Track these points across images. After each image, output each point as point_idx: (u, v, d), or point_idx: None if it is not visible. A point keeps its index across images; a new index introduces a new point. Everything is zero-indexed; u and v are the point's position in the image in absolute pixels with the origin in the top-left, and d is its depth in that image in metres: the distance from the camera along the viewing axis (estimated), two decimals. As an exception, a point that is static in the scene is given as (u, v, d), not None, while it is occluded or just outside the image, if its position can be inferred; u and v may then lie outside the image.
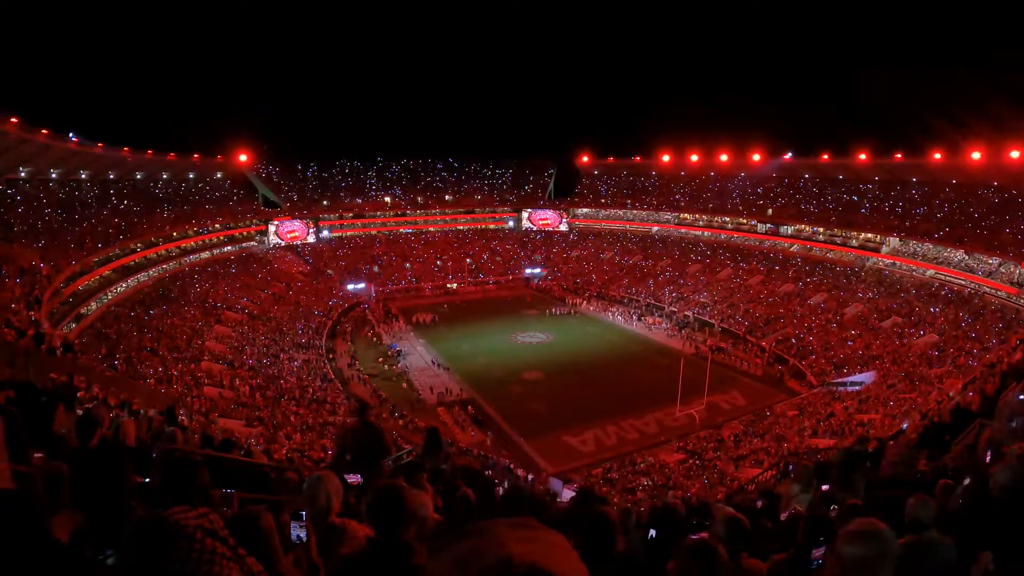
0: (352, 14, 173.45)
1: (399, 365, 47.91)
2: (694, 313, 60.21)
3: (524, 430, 36.55)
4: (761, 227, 71.21)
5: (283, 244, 74.09)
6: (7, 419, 3.19)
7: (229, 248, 67.75)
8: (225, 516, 2.82)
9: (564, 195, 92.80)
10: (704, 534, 3.81)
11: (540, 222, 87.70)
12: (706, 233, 76.23)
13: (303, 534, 3.02)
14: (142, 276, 52.53)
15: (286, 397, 37.01)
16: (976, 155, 53.71)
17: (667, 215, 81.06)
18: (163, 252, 58.11)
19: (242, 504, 4.26)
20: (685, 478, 29.77)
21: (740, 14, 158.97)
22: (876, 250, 59.63)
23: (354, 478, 4.88)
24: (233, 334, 47.68)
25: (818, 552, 3.18)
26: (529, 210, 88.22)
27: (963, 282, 50.59)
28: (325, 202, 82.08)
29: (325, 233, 78.98)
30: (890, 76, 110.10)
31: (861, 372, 42.33)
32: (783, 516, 5.19)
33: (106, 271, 48.08)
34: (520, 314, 62.78)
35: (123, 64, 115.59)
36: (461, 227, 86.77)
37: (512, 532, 0.85)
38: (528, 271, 77.80)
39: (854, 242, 62.12)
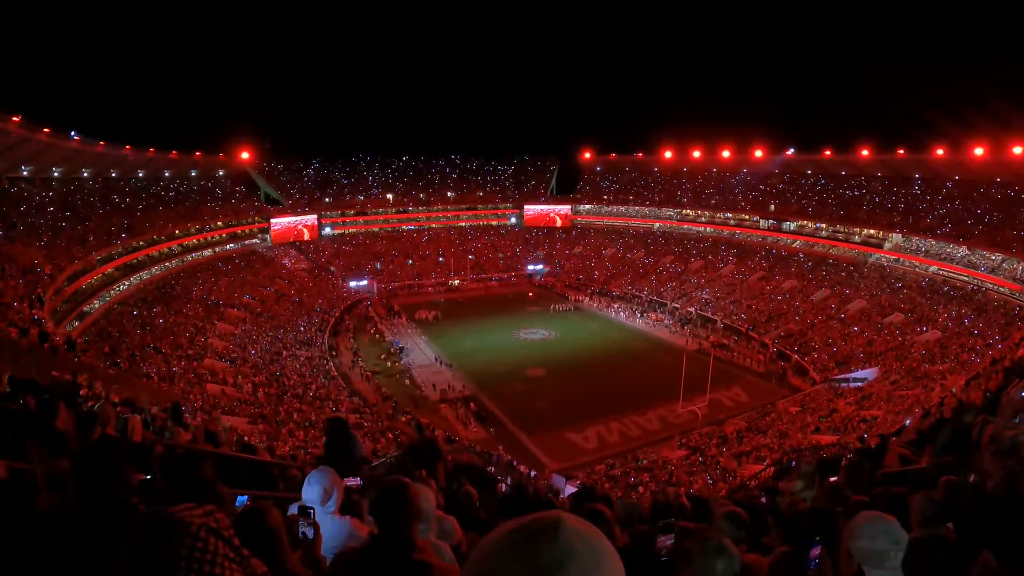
0: (354, 11, 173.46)
1: (402, 362, 47.95)
2: (697, 309, 60.18)
3: (527, 427, 36.60)
4: (764, 223, 71.07)
5: (285, 242, 74.03)
6: (8, 416, 3.20)
7: (231, 246, 67.79)
8: (232, 513, 2.82)
9: (566, 192, 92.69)
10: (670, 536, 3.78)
11: (542, 218, 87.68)
12: (708, 229, 76.14)
13: (310, 531, 3.02)
14: (144, 274, 52.61)
15: (289, 394, 37.08)
16: (979, 151, 53.61)
17: (669, 211, 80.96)
18: (165, 250, 58.16)
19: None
20: (687, 474, 29.75)
21: (741, 11, 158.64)
22: (879, 246, 59.50)
23: (353, 481, 4.90)
24: (236, 331, 47.74)
25: (815, 552, 3.17)
26: (531, 207, 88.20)
27: (966, 278, 50.47)
28: (327, 199, 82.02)
29: (327, 230, 78.99)
30: (893, 72, 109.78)
31: (864, 368, 42.30)
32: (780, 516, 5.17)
33: (108, 269, 48.15)
34: (522, 311, 62.79)
35: (125, 63, 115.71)
36: (463, 224, 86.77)
37: (565, 512, 0.93)
38: (530, 268, 77.79)
39: (856, 238, 61.97)
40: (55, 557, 1.83)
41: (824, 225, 65.31)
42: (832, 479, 7.18)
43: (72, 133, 49.48)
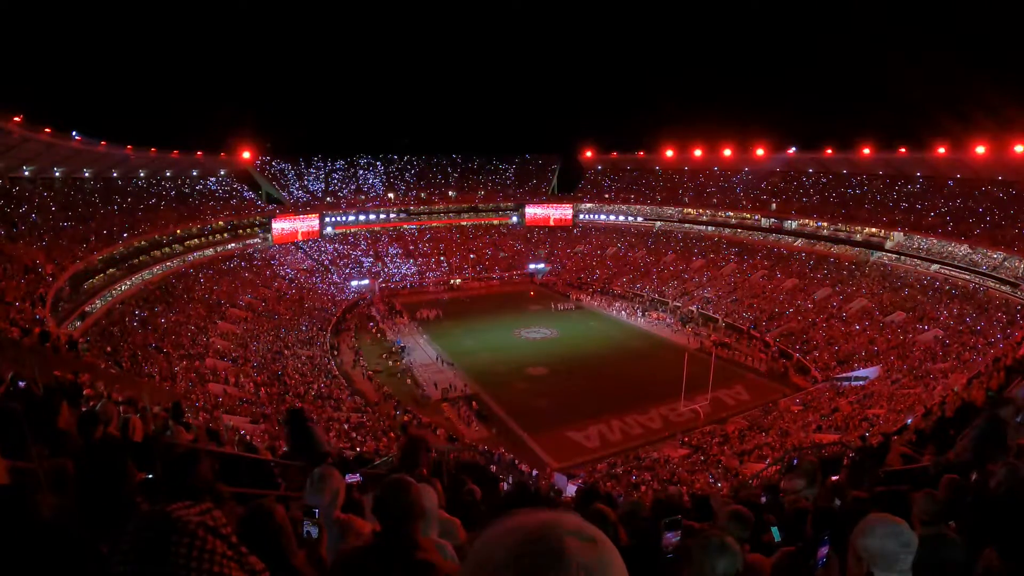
0: (356, 11, 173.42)
1: (403, 361, 47.97)
2: (698, 308, 60.16)
3: (528, 426, 36.60)
4: (765, 222, 71.00)
5: (287, 241, 74.03)
6: (9, 416, 3.20)
7: (233, 245, 67.77)
8: (234, 512, 2.82)
9: (568, 191, 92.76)
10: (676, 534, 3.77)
11: (544, 217, 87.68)
12: (710, 228, 76.10)
13: (314, 531, 3.02)
14: (146, 274, 52.58)
15: (291, 393, 37.10)
16: (980, 149, 53.54)
17: (671, 210, 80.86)
18: (167, 250, 58.15)
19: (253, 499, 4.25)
20: (689, 473, 29.77)
21: (742, 9, 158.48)
22: (880, 245, 59.44)
23: (354, 477, 4.91)
24: (237, 331, 47.78)
25: (823, 551, 3.17)
26: (533, 206, 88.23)
27: (967, 277, 50.39)
28: (328, 199, 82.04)
29: (329, 230, 78.96)
30: (894, 70, 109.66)
31: (865, 367, 42.27)
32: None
33: (110, 269, 48.15)
34: (524, 310, 62.82)
35: (125, 62, 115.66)
36: (465, 223, 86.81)
37: (558, 513, 0.93)
38: (532, 266, 77.81)
39: (858, 237, 61.91)
40: (56, 558, 1.82)
41: (825, 223, 65.21)
42: (834, 478, 7.17)
43: (73, 133, 49.47)
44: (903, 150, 61.37)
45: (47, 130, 45.36)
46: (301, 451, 6.45)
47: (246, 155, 77.15)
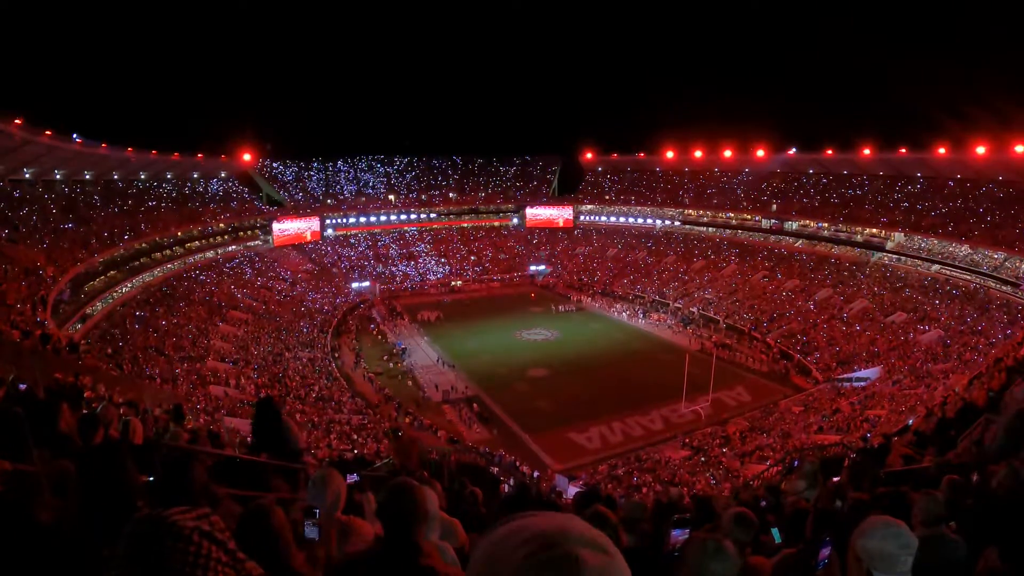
0: (356, 12, 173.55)
1: (404, 363, 47.96)
2: (699, 309, 60.11)
3: (529, 427, 36.55)
4: (765, 223, 70.97)
5: (287, 243, 74.04)
6: (11, 419, 3.20)
7: (233, 247, 67.85)
8: (231, 511, 2.81)
9: (568, 192, 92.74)
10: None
11: (544, 219, 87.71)
12: (710, 229, 76.08)
13: (315, 532, 3.02)
14: (147, 276, 52.63)
15: (291, 396, 37.06)
16: (981, 150, 53.48)
17: (671, 211, 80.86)
18: (168, 252, 58.20)
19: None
20: (690, 474, 29.74)
21: (742, 10, 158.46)
22: (881, 245, 59.39)
23: (352, 477, 4.92)
24: (238, 333, 47.78)
25: (824, 552, 3.17)
26: (533, 207, 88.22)
27: (968, 277, 50.35)
28: (329, 200, 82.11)
29: (329, 231, 79.02)
30: (894, 70, 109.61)
31: (866, 368, 42.23)
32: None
33: (111, 271, 48.19)
34: (525, 311, 62.75)
35: (126, 64, 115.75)
36: (465, 224, 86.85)
37: (566, 517, 0.92)
38: (532, 268, 77.79)
39: (859, 237, 61.88)
40: (57, 561, 1.83)
41: (826, 224, 65.18)
42: (835, 479, 7.17)
43: (74, 135, 49.51)
44: (903, 150, 61.35)
45: (48, 132, 45.43)
46: (269, 446, 6.26)
47: (247, 157, 77.23)
